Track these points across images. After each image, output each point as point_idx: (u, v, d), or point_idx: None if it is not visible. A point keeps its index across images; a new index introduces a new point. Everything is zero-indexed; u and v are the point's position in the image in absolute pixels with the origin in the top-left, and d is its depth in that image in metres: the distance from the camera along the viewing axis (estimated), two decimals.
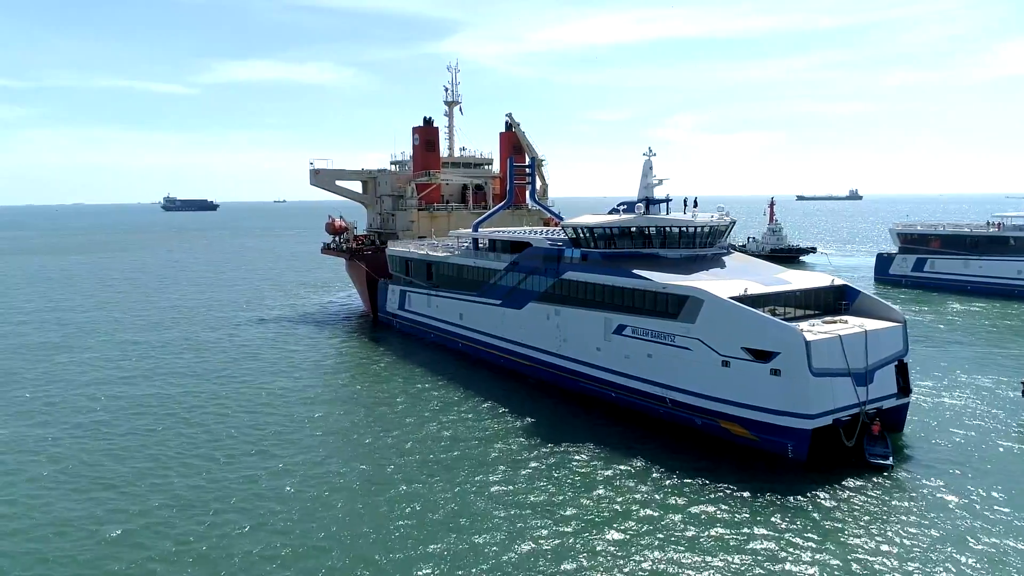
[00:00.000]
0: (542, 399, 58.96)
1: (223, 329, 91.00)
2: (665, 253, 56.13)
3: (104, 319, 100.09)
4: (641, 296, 52.06)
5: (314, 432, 51.34)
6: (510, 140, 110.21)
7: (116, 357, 75.90)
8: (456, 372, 68.23)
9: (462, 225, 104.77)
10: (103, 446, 49.20)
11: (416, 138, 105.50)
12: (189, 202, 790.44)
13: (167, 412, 56.42)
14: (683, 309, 48.74)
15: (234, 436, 50.60)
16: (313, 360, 74.40)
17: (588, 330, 56.95)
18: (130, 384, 64.81)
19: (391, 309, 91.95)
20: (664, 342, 50.20)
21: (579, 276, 57.84)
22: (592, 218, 59.20)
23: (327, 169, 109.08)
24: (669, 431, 50.46)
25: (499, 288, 68.78)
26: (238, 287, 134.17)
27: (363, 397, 60.41)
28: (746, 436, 46.28)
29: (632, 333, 52.84)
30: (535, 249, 64.04)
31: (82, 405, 58.58)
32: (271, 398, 59.83)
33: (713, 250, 57.28)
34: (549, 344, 61.85)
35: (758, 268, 56.41)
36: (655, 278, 51.44)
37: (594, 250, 57.30)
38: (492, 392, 60.77)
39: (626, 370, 53.73)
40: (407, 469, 44.23)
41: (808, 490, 40.44)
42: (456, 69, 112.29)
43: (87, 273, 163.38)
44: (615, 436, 49.72)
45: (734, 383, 46.03)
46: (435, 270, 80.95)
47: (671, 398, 50.44)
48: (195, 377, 67.11)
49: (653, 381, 51.52)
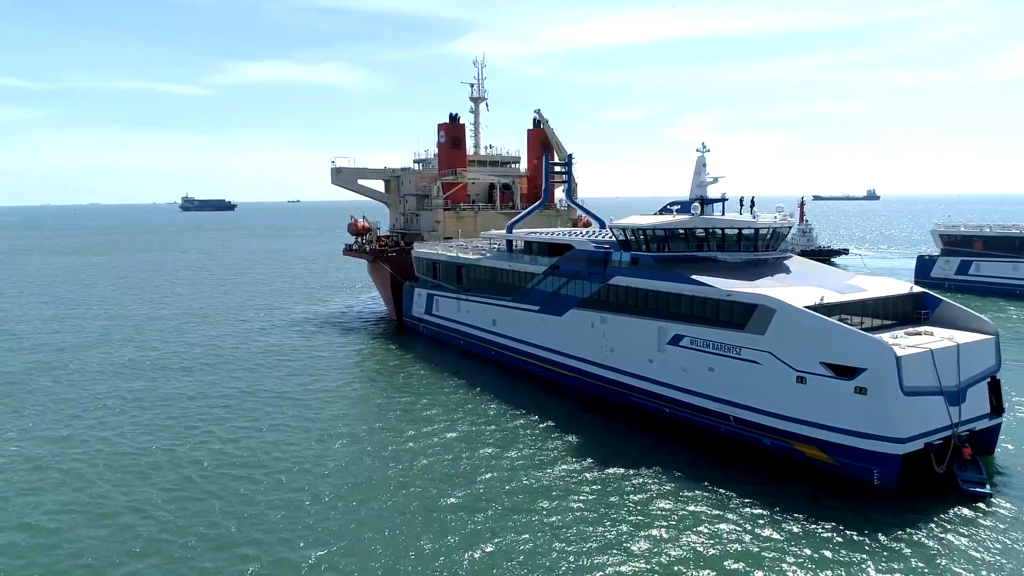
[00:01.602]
0: (586, 414, 54.68)
1: (245, 335, 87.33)
2: (724, 257, 51.71)
3: (122, 324, 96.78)
4: (701, 304, 47.68)
5: (346, 452, 47.31)
6: (538, 137, 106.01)
7: (136, 365, 72.35)
8: (490, 382, 64.06)
9: (489, 226, 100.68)
10: (128, 463, 45.62)
11: (442, 135, 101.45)
12: (207, 202, 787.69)
13: (191, 426, 52.75)
14: (751, 319, 44.33)
15: (262, 454, 46.72)
16: (338, 369, 70.43)
17: (639, 340, 52.64)
18: (152, 393, 61.13)
19: (417, 313, 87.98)
20: (728, 355, 45.80)
21: (629, 281, 53.52)
22: (644, 219, 54.80)
23: (349, 168, 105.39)
24: (732, 451, 46.11)
25: (536, 293, 64.58)
26: (259, 290, 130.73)
27: (393, 411, 56.20)
28: (823, 460, 41.83)
29: (690, 344, 48.49)
30: (578, 252, 59.74)
31: (105, 416, 55.05)
32: (297, 410, 55.90)
33: (774, 254, 52.77)
34: (593, 354, 57.58)
35: (826, 273, 51.91)
36: (717, 284, 47.05)
37: (646, 253, 52.94)
38: (531, 405, 56.55)
39: (683, 384, 49.39)
40: (448, 497, 40.04)
41: (897, 523, 35.99)
42: (482, 64, 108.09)
43: (106, 275, 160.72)
44: (672, 456, 45.46)
45: (811, 401, 41.59)
46: (466, 273, 76.86)
47: (735, 416, 46.06)
48: (217, 388, 63.34)
49: (715, 397, 47.16)
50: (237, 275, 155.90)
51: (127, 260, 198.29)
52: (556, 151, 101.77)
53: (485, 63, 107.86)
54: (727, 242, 51.77)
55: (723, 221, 51.87)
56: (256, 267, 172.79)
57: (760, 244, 51.83)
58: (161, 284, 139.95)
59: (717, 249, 51.91)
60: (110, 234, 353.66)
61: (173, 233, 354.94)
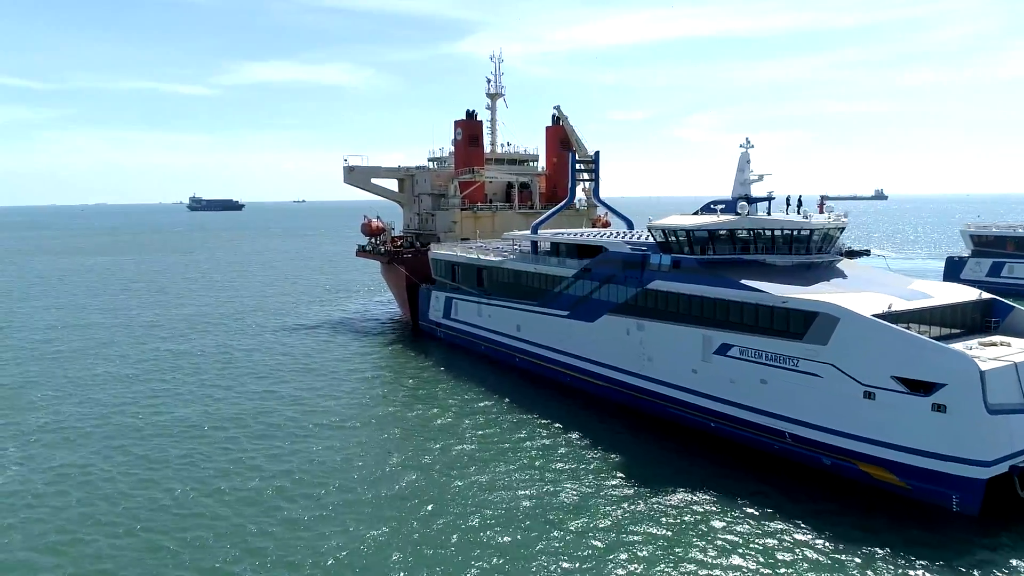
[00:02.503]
0: (622, 426, 51.24)
1: (257, 339, 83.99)
2: (773, 260, 48.09)
3: (130, 329, 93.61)
4: (753, 311, 44.09)
5: (373, 467, 43.88)
6: (557, 134, 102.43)
7: (145, 371, 69.08)
8: (516, 391, 60.62)
9: (507, 226, 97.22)
10: (142, 477, 42.49)
11: (458, 132, 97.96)
12: (214, 202, 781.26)
13: (201, 435, 49.51)
14: (811, 328, 40.74)
15: (277, 468, 43.36)
16: (355, 376, 67.01)
17: (681, 349, 49.11)
18: (162, 404, 57.83)
19: (434, 317, 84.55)
20: (784, 366, 42.23)
21: (670, 286, 49.96)
22: (687, 219, 51.19)
23: (362, 166, 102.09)
24: (787, 470, 42.64)
25: (566, 297, 61.06)
26: (269, 292, 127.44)
27: (417, 423, 52.70)
28: (893, 482, 38.26)
29: (740, 354, 44.93)
30: (611, 254, 56.17)
31: (113, 427, 51.88)
32: (316, 420, 52.54)
33: (826, 257, 49.13)
34: (629, 363, 54.07)
35: (885, 278, 48.28)
36: (771, 290, 43.49)
37: (689, 256, 49.35)
38: (563, 416, 53.20)
39: (731, 397, 45.84)
40: (475, 521, 36.61)
41: (979, 553, 32.67)
42: (499, 60, 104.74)
43: (112, 277, 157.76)
44: (719, 474, 42.14)
45: (880, 419, 38.01)
46: (487, 276, 73.38)
47: (791, 432, 42.49)
48: (227, 394, 60.00)
49: (768, 411, 43.59)
50: (247, 277, 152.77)
51: (134, 262, 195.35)
52: (576, 148, 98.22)
53: (503, 58, 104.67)
54: (777, 244, 48.17)
55: (773, 221, 48.27)
56: (266, 269, 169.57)
57: (812, 246, 48.21)
58: (169, 287, 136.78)
59: (765, 251, 48.30)
60: (116, 234, 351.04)
61: (179, 234, 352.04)
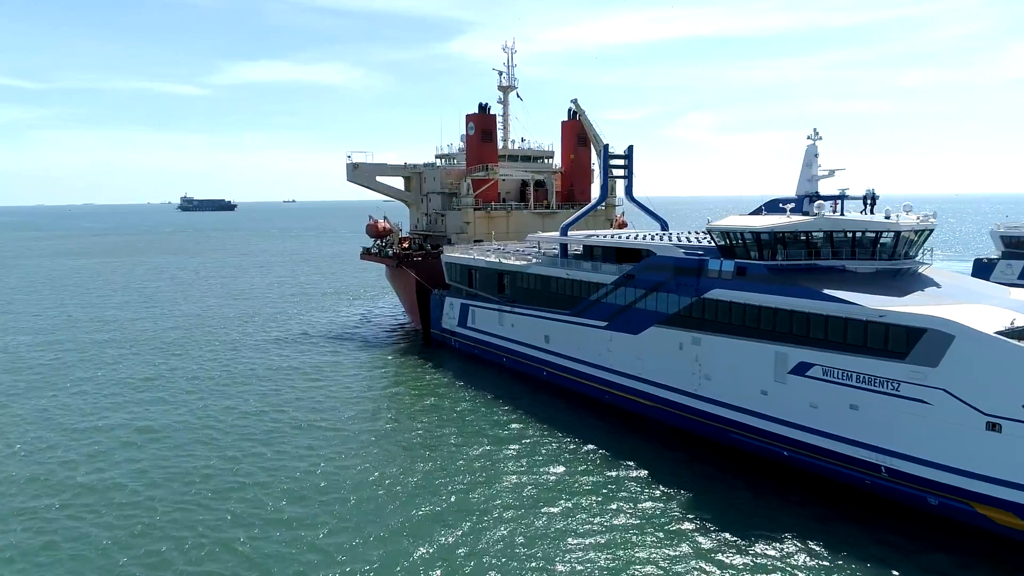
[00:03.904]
0: (673, 452, 45.70)
1: (256, 350, 77.59)
2: (855, 266, 42.29)
3: (120, 339, 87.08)
4: (840, 326, 38.23)
5: (390, 502, 37.85)
6: (574, 130, 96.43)
7: (135, 387, 62.69)
8: (547, 409, 54.83)
9: (523, 227, 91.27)
10: (128, 517, 36.15)
11: (470, 127, 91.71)
12: (207, 202, 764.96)
13: (199, 469, 43.28)
14: (917, 346, 34.93)
15: (287, 508, 37.25)
16: (363, 392, 61.09)
17: (747, 367, 43.25)
18: (155, 422, 51.58)
19: (448, 326, 78.44)
20: (881, 390, 36.41)
21: (733, 295, 44.08)
22: (753, 220, 45.27)
23: (367, 163, 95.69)
24: (878, 508, 37.06)
25: (604, 307, 55.11)
26: (267, 297, 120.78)
27: (440, 448, 46.69)
28: (1020, 528, 32.56)
29: (823, 375, 39.09)
30: (660, 259, 50.21)
31: (105, 443, 45.61)
32: (323, 445, 46.47)
33: (912, 262, 43.31)
34: (682, 381, 48.20)
35: (979, 287, 42.60)
36: (862, 301, 37.68)
37: (757, 262, 43.46)
38: (605, 439, 47.85)
39: (811, 423, 40.02)
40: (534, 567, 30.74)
41: None
42: (512, 50, 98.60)
43: (101, 281, 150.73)
44: (796, 512, 37.03)
45: (1007, 455, 32.25)
46: (510, 281, 67.33)
47: (889, 466, 36.69)
48: (228, 415, 53.77)
49: (859, 441, 37.77)
50: (243, 282, 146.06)
51: (124, 264, 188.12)
52: (594, 144, 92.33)
53: (515, 48, 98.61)
54: (858, 248, 42.33)
55: (855, 222, 42.39)
56: (264, 273, 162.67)
57: (899, 251, 42.40)
58: (161, 292, 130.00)
59: (846, 256, 42.47)
60: (104, 235, 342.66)
61: (167, 235, 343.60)
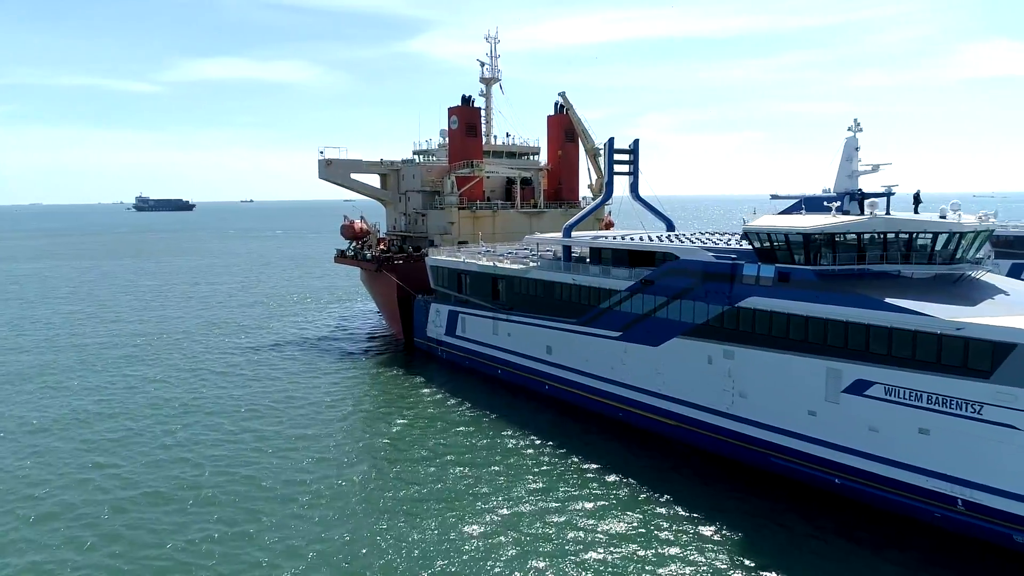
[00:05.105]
0: (703, 478, 41.00)
1: (220, 364, 70.96)
2: (910, 271, 38.04)
3: (70, 352, 79.50)
4: (907, 339, 33.82)
5: (371, 543, 32.36)
6: (561, 124, 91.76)
7: (91, 411, 55.85)
8: (555, 428, 49.82)
9: (509, 227, 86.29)
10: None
11: (454, 120, 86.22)
12: (163, 202, 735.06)
13: (159, 502, 37.12)
14: (1004, 364, 30.64)
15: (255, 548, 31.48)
16: (340, 409, 55.32)
17: (793, 384, 38.72)
18: (118, 441, 45.08)
19: (434, 334, 72.83)
20: (958, 413, 32.11)
21: (775, 304, 39.47)
22: (797, 220, 40.61)
23: (341, 159, 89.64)
24: (951, 544, 32.86)
25: (616, 315, 50.20)
26: (232, 304, 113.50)
27: (434, 473, 41.28)
28: None
29: (885, 394, 34.70)
30: (685, 263, 45.41)
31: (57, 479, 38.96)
32: (295, 475, 40.65)
33: (969, 267, 39.17)
34: (711, 399, 43.53)
35: None
36: (935, 311, 33.35)
37: (804, 267, 38.92)
38: (616, 460, 43.78)
39: (870, 449, 35.61)
40: None
41: None
42: (495, 39, 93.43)
43: (49, 287, 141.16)
44: (848, 548, 32.75)
45: None
46: (506, 287, 62.04)
47: (967, 498, 32.42)
48: (191, 437, 47.50)
49: (930, 470, 33.46)
50: (203, 287, 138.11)
51: (74, 268, 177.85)
52: (582, 140, 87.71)
53: (498, 38, 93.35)
54: (914, 252, 38.05)
55: (914, 222, 38.11)
56: (228, 276, 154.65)
57: (960, 254, 38.26)
58: (115, 301, 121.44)
59: (900, 260, 38.17)
60: (54, 237, 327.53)
61: (122, 236, 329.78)
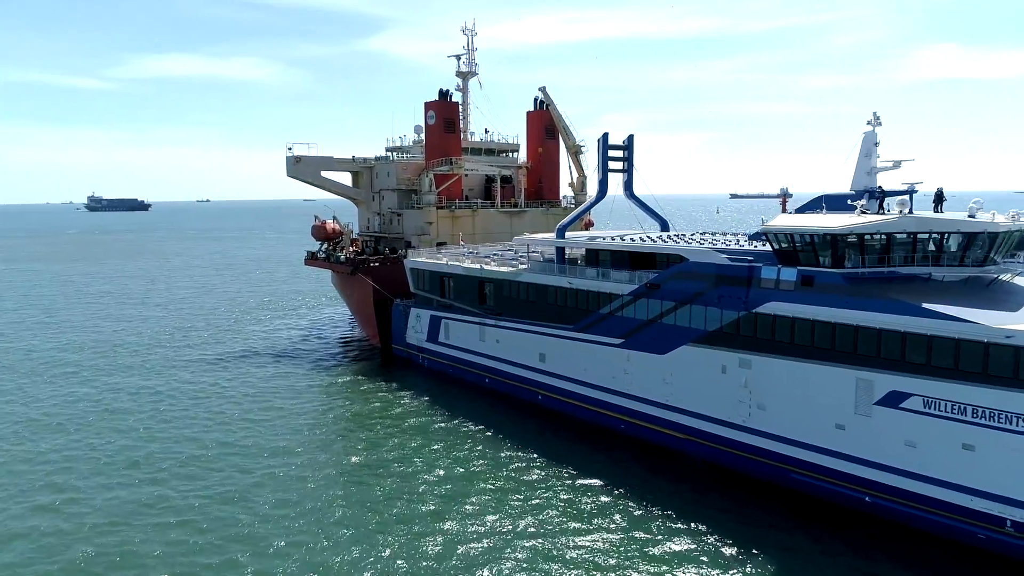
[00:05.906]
0: (716, 496, 38.30)
1: (184, 375, 66.21)
2: (941, 274, 35.77)
3: (14, 365, 73.80)
4: (950, 348, 31.42)
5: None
6: (542, 121, 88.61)
7: (38, 428, 50.91)
8: (551, 443, 46.78)
9: (489, 227, 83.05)
10: None
11: (431, 116, 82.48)
12: (117, 201, 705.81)
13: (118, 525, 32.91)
14: None
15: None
16: (312, 423, 51.54)
17: (818, 395, 36.16)
18: (68, 461, 40.52)
19: (415, 341, 69.08)
20: (1009, 427, 29.80)
21: (797, 309, 36.86)
22: (822, 219, 38.02)
23: (310, 157, 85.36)
24: (997, 568, 30.53)
25: (618, 321, 47.23)
26: (191, 311, 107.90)
27: (416, 495, 37.85)
28: None
29: (924, 407, 32.29)
30: (695, 266, 42.59)
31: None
32: (256, 502, 36.80)
33: (1003, 269, 37.04)
34: (725, 411, 40.79)
35: None
36: (979, 318, 30.98)
37: (829, 270, 36.37)
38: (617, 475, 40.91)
39: (906, 466, 33.17)
40: None
41: None
42: (472, 32, 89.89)
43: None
44: None
45: None
46: (494, 291, 58.67)
47: (1017, 519, 30.15)
48: (152, 456, 43.16)
49: (975, 489, 31.12)
50: (162, 292, 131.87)
51: (20, 271, 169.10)
52: (563, 137, 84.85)
53: (475, 31, 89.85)
54: (945, 253, 35.78)
55: (947, 222, 35.82)
56: (184, 279, 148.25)
57: (992, 255, 36.10)
58: (63, 308, 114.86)
59: (929, 262, 35.87)
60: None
61: (72, 237, 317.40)
